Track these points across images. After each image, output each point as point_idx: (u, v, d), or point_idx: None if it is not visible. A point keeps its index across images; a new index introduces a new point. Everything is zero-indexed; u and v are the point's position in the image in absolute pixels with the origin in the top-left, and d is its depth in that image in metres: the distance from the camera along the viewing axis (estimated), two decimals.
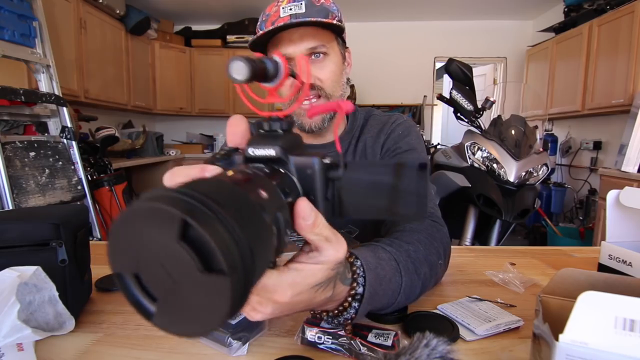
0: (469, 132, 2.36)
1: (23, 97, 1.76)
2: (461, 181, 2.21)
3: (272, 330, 0.51)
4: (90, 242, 0.63)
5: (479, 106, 2.29)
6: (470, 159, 2.24)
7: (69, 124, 2.02)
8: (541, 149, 2.32)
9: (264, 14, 0.72)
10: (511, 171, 2.12)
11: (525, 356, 0.44)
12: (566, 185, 3.50)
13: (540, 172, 2.20)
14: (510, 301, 0.58)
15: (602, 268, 0.67)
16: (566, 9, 3.40)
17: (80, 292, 0.55)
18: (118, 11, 3.29)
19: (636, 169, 2.48)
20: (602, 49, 2.99)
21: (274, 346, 0.47)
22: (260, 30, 0.72)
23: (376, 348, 0.42)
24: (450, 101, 2.32)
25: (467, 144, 2.28)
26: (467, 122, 2.35)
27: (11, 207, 1.58)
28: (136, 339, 0.48)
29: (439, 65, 4.56)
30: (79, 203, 1.98)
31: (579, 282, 0.40)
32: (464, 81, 2.31)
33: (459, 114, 2.35)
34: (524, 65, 4.17)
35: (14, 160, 1.68)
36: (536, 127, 2.36)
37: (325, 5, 0.71)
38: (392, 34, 4.54)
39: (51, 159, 1.88)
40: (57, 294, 0.47)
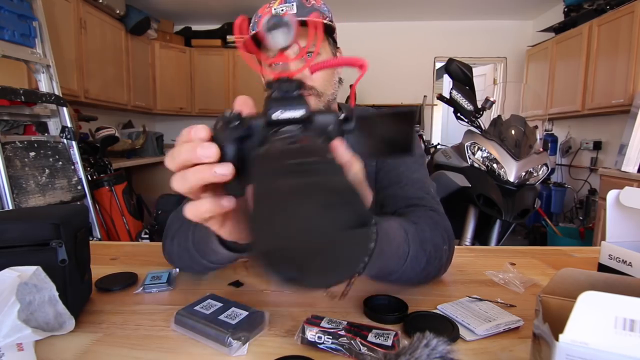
0: (469, 132, 2.36)
1: (23, 97, 1.76)
2: (461, 181, 2.21)
3: (272, 330, 0.51)
4: (90, 242, 0.63)
5: (479, 106, 2.29)
6: (470, 159, 2.24)
7: (69, 124, 2.02)
8: (541, 149, 2.32)
9: (256, 15, 0.74)
10: (511, 171, 2.12)
11: (525, 356, 0.44)
12: (566, 185, 3.50)
13: (540, 172, 2.20)
14: (510, 301, 0.58)
15: (602, 268, 0.67)
16: (566, 9, 3.40)
17: (80, 292, 0.55)
18: (118, 11, 3.29)
19: (636, 169, 2.48)
20: (602, 49, 2.99)
21: (274, 346, 0.47)
22: (252, 29, 0.73)
23: (376, 348, 0.42)
24: (450, 101, 2.32)
25: (467, 144, 2.28)
26: (467, 122, 2.35)
27: (11, 207, 1.58)
28: (136, 339, 0.48)
29: (439, 65, 4.56)
30: (79, 203, 1.98)
31: (579, 282, 0.40)
32: (464, 81, 2.31)
33: (459, 114, 2.35)
34: (524, 65, 4.17)
35: (14, 160, 1.68)
36: (536, 127, 2.36)
37: (316, 5, 0.72)
38: (392, 34, 4.54)
39: (51, 159, 1.88)
40: (57, 294, 0.47)
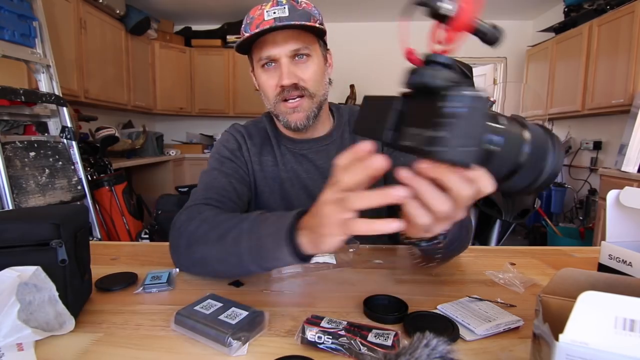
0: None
1: (23, 97, 1.76)
2: None
3: (272, 330, 0.51)
4: (90, 242, 0.63)
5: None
6: None
7: (69, 124, 2.02)
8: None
9: (248, 17, 0.74)
10: None
11: (525, 356, 0.44)
12: (566, 185, 3.50)
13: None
14: (510, 301, 0.58)
15: (602, 268, 0.67)
16: (566, 9, 3.40)
17: (80, 292, 0.55)
18: (118, 11, 3.29)
19: (636, 169, 2.48)
20: (602, 49, 2.99)
21: (274, 346, 0.47)
22: (245, 32, 0.74)
23: (376, 348, 0.42)
24: None
25: None
26: None
27: (11, 207, 1.58)
28: (136, 339, 0.48)
29: None
30: (79, 203, 1.98)
31: (579, 282, 0.40)
32: None
33: None
34: (524, 65, 4.17)
35: (14, 160, 1.68)
36: None
37: (307, 9, 0.74)
38: (392, 34, 4.53)
39: (51, 159, 1.88)
40: (57, 294, 0.47)
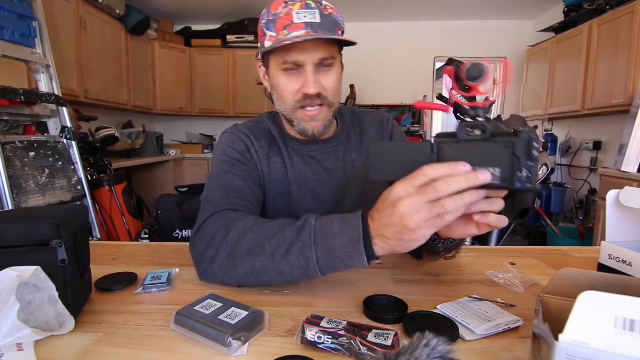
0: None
1: (23, 97, 1.76)
2: None
3: (272, 330, 0.51)
4: (90, 242, 0.63)
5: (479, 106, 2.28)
6: None
7: (69, 124, 2.02)
8: (541, 149, 2.32)
9: (270, 13, 0.71)
10: None
11: (525, 356, 0.44)
12: (566, 185, 3.50)
13: (540, 172, 2.20)
14: (510, 301, 0.58)
15: (602, 268, 0.67)
16: (566, 9, 3.40)
17: (80, 292, 0.55)
18: (118, 11, 3.29)
19: (636, 169, 2.48)
20: (602, 49, 2.99)
21: (274, 346, 0.47)
22: (269, 30, 0.71)
23: (376, 348, 0.42)
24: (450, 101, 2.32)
25: None
26: None
27: (11, 207, 1.58)
28: (136, 339, 0.48)
29: (439, 65, 4.56)
30: (79, 203, 1.98)
31: (579, 282, 0.40)
32: None
33: (459, 114, 2.35)
34: (524, 65, 4.17)
35: (14, 160, 1.68)
36: (536, 127, 2.36)
37: (333, 15, 0.72)
38: (392, 34, 4.54)
39: (51, 159, 1.88)
40: (57, 294, 0.47)
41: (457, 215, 0.45)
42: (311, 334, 0.45)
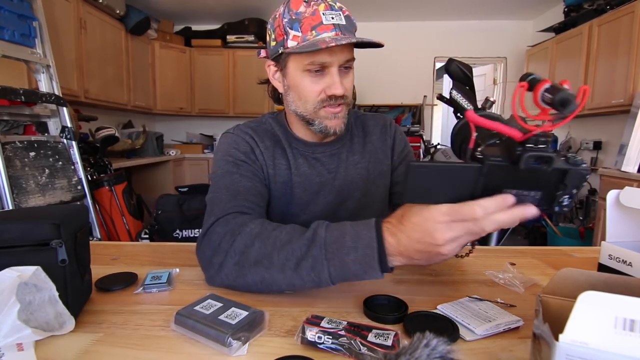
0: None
1: (23, 97, 1.76)
2: None
3: (272, 330, 0.51)
4: (90, 242, 0.63)
5: (479, 106, 2.29)
6: None
7: (69, 124, 2.02)
8: None
9: (292, 12, 0.69)
10: None
11: (525, 356, 0.44)
12: None
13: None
14: (510, 301, 0.58)
15: (602, 268, 0.67)
16: (566, 9, 3.40)
17: (80, 292, 0.55)
18: (118, 11, 3.29)
19: (636, 169, 2.48)
20: (602, 49, 2.99)
21: (274, 346, 0.47)
22: (293, 30, 0.69)
23: (376, 348, 0.42)
24: (450, 101, 2.32)
25: None
26: None
27: (11, 207, 1.58)
28: (136, 339, 0.48)
29: (439, 65, 4.56)
30: (79, 203, 1.98)
31: (579, 282, 0.40)
32: (464, 81, 2.30)
33: (459, 114, 2.35)
34: (524, 65, 4.17)
35: (14, 160, 1.68)
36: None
37: (351, 17, 0.72)
38: (392, 34, 4.54)
39: (51, 159, 1.88)
40: (57, 294, 0.47)
41: None
42: (311, 334, 0.45)
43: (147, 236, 2.58)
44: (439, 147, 4.13)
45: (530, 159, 0.41)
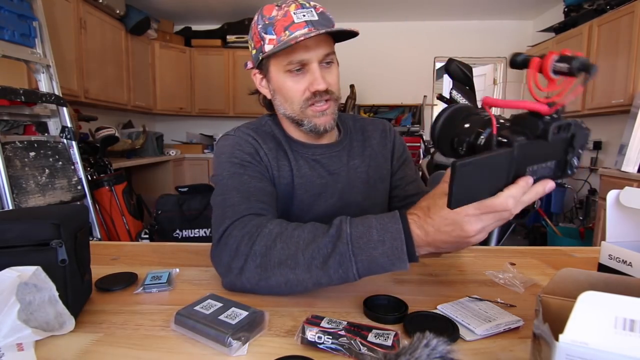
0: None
1: (23, 97, 1.76)
2: None
3: (272, 330, 0.51)
4: (90, 242, 0.63)
5: (479, 106, 2.29)
6: None
7: (69, 124, 2.02)
8: None
9: (265, 18, 0.71)
10: None
11: (525, 356, 0.44)
12: (566, 185, 3.50)
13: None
14: (510, 301, 0.58)
15: (602, 268, 0.67)
16: (566, 9, 3.40)
17: (80, 292, 0.55)
18: (118, 11, 3.29)
19: (636, 169, 2.48)
20: (602, 49, 2.99)
21: (274, 346, 0.47)
22: (267, 34, 0.70)
23: (376, 348, 0.42)
24: (450, 101, 2.32)
25: None
26: None
27: (11, 207, 1.58)
28: (136, 339, 0.48)
29: (439, 65, 4.56)
30: (79, 203, 1.98)
31: (579, 282, 0.40)
32: (464, 81, 2.31)
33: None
34: None
35: (14, 160, 1.68)
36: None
37: (325, 13, 0.72)
38: (392, 34, 4.54)
39: (51, 159, 1.88)
40: (57, 294, 0.47)
41: None
42: (311, 334, 0.45)
43: (147, 236, 2.58)
44: None
45: (555, 130, 0.42)
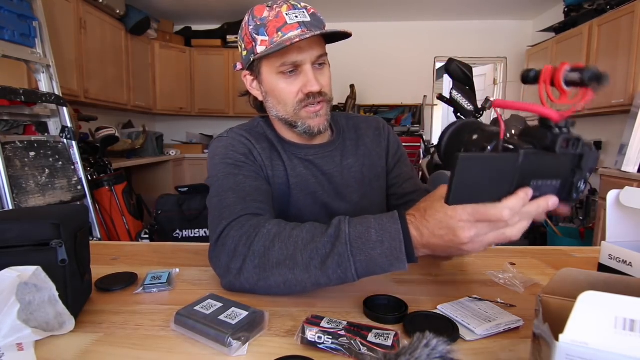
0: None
1: (23, 97, 1.76)
2: None
3: (272, 330, 0.51)
4: (90, 242, 0.63)
5: (479, 106, 2.29)
6: None
7: (69, 124, 2.02)
8: None
9: (257, 18, 0.70)
10: None
11: (525, 356, 0.44)
12: None
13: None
14: (510, 301, 0.58)
15: (602, 268, 0.67)
16: (566, 9, 3.40)
17: (80, 292, 0.55)
18: (118, 11, 3.29)
19: (636, 169, 2.48)
20: (602, 49, 2.99)
21: (274, 346, 0.47)
22: (260, 35, 0.70)
23: (376, 348, 0.42)
24: (450, 101, 2.32)
25: None
26: None
27: (11, 207, 1.58)
28: (136, 339, 0.48)
29: (439, 65, 4.56)
30: (79, 203, 1.98)
31: (579, 282, 0.40)
32: (464, 81, 2.31)
33: (459, 114, 2.35)
34: (524, 65, 4.17)
35: (14, 160, 1.68)
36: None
37: (317, 14, 0.72)
38: (392, 34, 4.54)
39: (51, 159, 1.88)
40: (57, 294, 0.47)
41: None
42: (311, 334, 0.45)
43: (147, 236, 2.58)
44: None
45: (564, 143, 0.39)
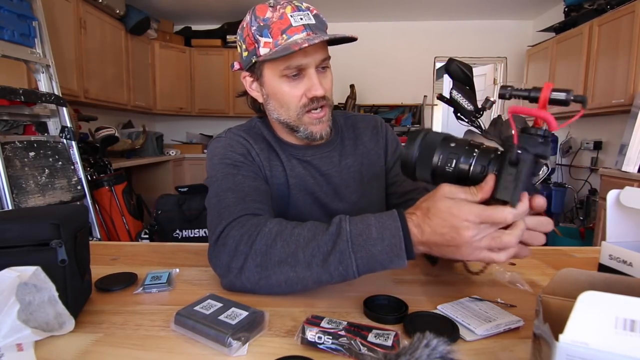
0: (469, 132, 2.35)
1: (23, 97, 1.76)
2: None
3: (272, 330, 0.51)
4: (90, 242, 0.63)
5: (479, 106, 2.29)
6: None
7: (68, 124, 2.02)
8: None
9: (259, 19, 0.68)
10: None
11: (525, 356, 0.44)
12: (566, 185, 3.50)
13: (541, 172, 2.19)
14: (510, 301, 0.58)
15: (602, 268, 0.67)
16: (566, 9, 3.40)
17: (80, 292, 0.55)
18: (118, 11, 3.29)
19: (636, 169, 2.47)
20: (602, 48, 2.99)
21: (274, 346, 0.47)
22: (263, 37, 0.68)
23: (376, 348, 0.42)
24: (450, 101, 2.32)
25: None
26: (467, 122, 2.35)
27: (11, 207, 1.58)
28: (136, 339, 0.48)
29: (439, 65, 4.56)
30: (78, 203, 1.98)
31: (579, 282, 0.40)
32: (464, 81, 2.31)
33: (459, 114, 2.35)
34: (524, 65, 4.17)
35: (13, 160, 1.68)
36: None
37: (320, 15, 0.71)
38: (392, 34, 4.54)
39: (51, 159, 1.88)
40: (57, 294, 0.47)
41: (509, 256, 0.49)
42: (311, 334, 0.45)
43: (147, 236, 2.58)
44: None
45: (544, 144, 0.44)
